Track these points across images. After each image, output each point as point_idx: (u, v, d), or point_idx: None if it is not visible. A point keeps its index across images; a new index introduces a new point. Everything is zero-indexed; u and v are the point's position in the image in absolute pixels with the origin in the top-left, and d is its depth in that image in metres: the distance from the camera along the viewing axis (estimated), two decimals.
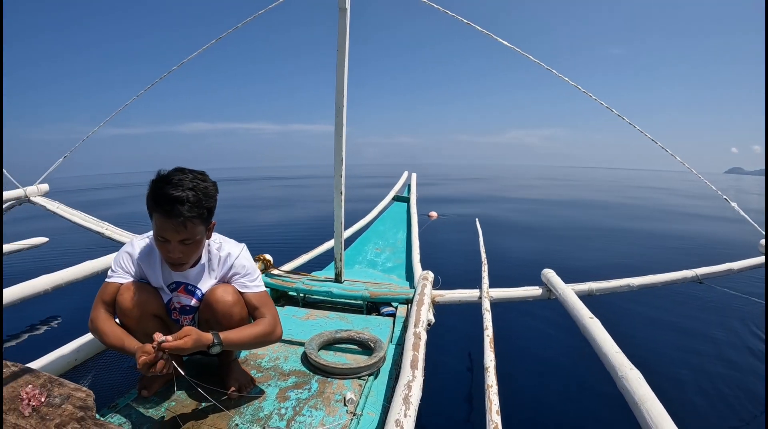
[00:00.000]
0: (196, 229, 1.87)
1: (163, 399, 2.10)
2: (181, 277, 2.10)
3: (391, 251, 4.96)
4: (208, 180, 1.91)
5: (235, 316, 2.04)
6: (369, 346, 2.56)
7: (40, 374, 1.91)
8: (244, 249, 2.20)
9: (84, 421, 1.62)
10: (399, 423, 1.65)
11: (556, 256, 7.79)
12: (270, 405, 2.06)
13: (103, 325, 1.92)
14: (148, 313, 2.01)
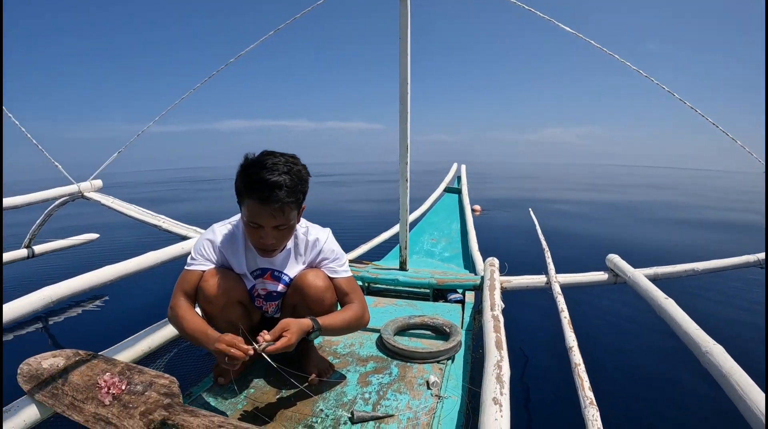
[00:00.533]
0: (291, 214, 1.79)
1: (241, 387, 2.02)
2: (267, 263, 2.02)
3: (447, 241, 4.91)
4: (300, 163, 1.82)
5: (327, 301, 1.96)
6: (443, 332, 2.50)
7: (117, 362, 1.86)
8: (330, 233, 2.12)
9: (171, 408, 1.55)
10: (497, 401, 1.58)
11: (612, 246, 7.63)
12: (352, 390, 1.99)
13: (184, 314, 1.84)
14: (233, 301, 1.94)
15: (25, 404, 1.68)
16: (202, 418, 1.45)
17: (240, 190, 1.76)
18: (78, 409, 1.61)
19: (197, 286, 1.91)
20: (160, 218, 4.18)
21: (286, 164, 1.74)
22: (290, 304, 2.04)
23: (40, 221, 4.81)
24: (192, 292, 1.91)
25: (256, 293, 2.07)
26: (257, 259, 2.01)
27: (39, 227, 4.88)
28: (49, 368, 1.82)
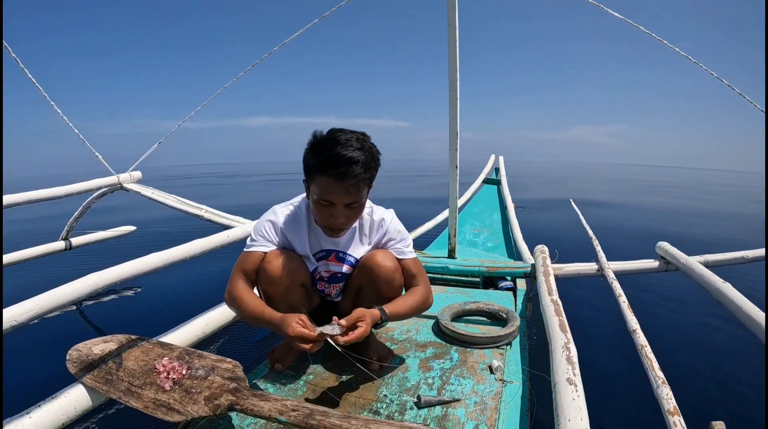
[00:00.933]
0: (363, 191, 1.75)
1: (298, 373, 1.98)
2: (331, 244, 1.97)
3: (489, 232, 4.89)
4: (370, 140, 1.76)
5: (396, 282, 1.91)
6: (500, 317, 2.45)
7: (173, 346, 1.82)
8: (394, 214, 2.06)
9: (239, 392, 1.49)
10: (571, 381, 1.56)
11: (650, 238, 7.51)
12: (415, 375, 1.93)
13: (243, 295, 1.79)
14: (296, 282, 1.89)
15: (75, 390, 1.63)
16: (274, 402, 1.39)
17: (311, 167, 1.70)
18: (136, 395, 1.56)
19: (258, 267, 1.86)
20: (201, 208, 4.18)
21: (358, 140, 1.69)
22: (355, 286, 1.99)
23: (78, 213, 4.81)
24: (252, 273, 1.86)
25: (319, 276, 2.02)
26: (321, 241, 1.96)
27: (76, 219, 4.88)
28: (100, 353, 1.79)
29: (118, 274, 2.31)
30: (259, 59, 4.09)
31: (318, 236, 1.94)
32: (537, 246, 3.40)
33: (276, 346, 2.09)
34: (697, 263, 2.99)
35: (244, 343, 2.37)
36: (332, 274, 2.02)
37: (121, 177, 4.47)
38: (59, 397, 1.57)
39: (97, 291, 2.20)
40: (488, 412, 1.66)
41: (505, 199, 5.84)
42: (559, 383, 1.57)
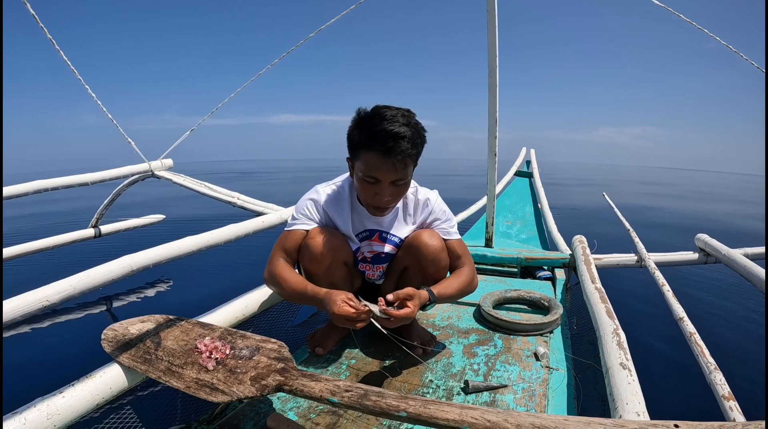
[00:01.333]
0: (409, 169, 1.70)
1: (340, 357, 1.95)
2: (375, 224, 1.94)
3: (522, 224, 4.86)
4: (415, 116, 1.71)
5: (442, 262, 1.87)
6: (542, 306, 2.42)
7: (214, 327, 1.79)
8: (438, 194, 2.03)
9: (288, 373, 1.44)
10: (625, 366, 1.54)
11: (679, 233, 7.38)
12: (460, 361, 1.90)
13: (284, 273, 1.77)
14: (339, 260, 1.85)
15: (111, 370, 1.60)
16: (325, 382, 1.34)
17: (357, 143, 1.66)
18: (177, 375, 1.52)
19: (300, 246, 1.83)
20: (233, 195, 4.18)
21: (404, 116, 1.64)
22: (400, 267, 1.95)
23: (108, 201, 4.83)
24: (294, 252, 1.84)
25: (361, 256, 1.99)
26: (364, 221, 1.92)
27: (106, 207, 4.90)
28: (137, 333, 1.76)
29: (153, 257, 2.29)
30: (285, 53, 4.10)
31: (361, 216, 1.91)
32: (575, 236, 3.36)
33: (316, 330, 2.07)
34: (739, 255, 2.95)
35: (283, 327, 2.35)
36: (375, 254, 1.98)
37: (153, 164, 4.48)
38: (94, 376, 1.54)
39: (132, 273, 2.18)
40: (537, 398, 1.63)
41: (538, 192, 5.80)
42: (613, 368, 1.55)
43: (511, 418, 1.06)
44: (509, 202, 5.77)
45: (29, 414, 1.33)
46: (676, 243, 3.60)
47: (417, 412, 1.12)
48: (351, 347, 2.02)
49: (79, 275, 1.93)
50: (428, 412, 1.11)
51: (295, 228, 1.85)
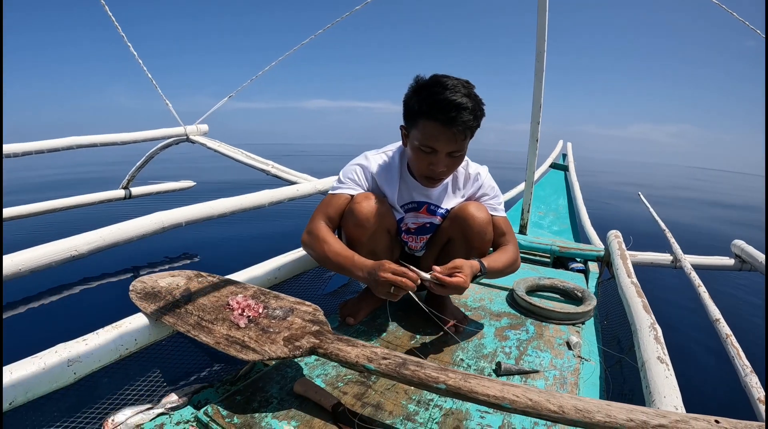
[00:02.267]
0: (466, 141, 1.66)
1: (371, 329, 1.93)
2: (423, 196, 1.90)
3: (555, 216, 4.83)
4: (474, 88, 1.64)
5: (487, 236, 1.84)
6: (575, 296, 2.38)
7: (248, 286, 1.78)
8: (488, 170, 1.99)
9: (322, 336, 1.42)
10: (662, 360, 1.52)
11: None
12: (491, 343, 1.87)
13: (326, 237, 1.75)
14: (383, 227, 1.82)
15: (137, 321, 1.60)
16: (362, 348, 1.32)
17: (416, 112, 1.62)
18: (206, 330, 1.51)
19: (343, 211, 1.81)
20: (268, 163, 4.17)
21: (465, 87, 1.59)
22: (443, 239, 1.93)
23: (140, 163, 4.87)
24: (336, 217, 1.82)
25: (405, 227, 1.97)
26: (413, 192, 1.89)
27: (138, 169, 4.94)
28: (166, 286, 1.75)
29: (185, 215, 2.29)
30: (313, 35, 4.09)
31: (410, 187, 1.88)
32: (611, 231, 3.32)
33: (348, 300, 2.06)
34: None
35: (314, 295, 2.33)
36: (421, 225, 1.96)
37: (188, 128, 4.52)
38: (120, 326, 1.54)
39: (163, 230, 2.17)
40: (568, 386, 1.61)
41: (573, 185, 5.76)
42: (650, 361, 1.53)
43: (553, 398, 1.04)
44: (543, 193, 5.72)
45: (49, 358, 1.33)
46: (709, 246, 3.53)
47: (457, 385, 1.10)
48: (382, 320, 2.01)
49: (109, 228, 1.93)
50: (468, 386, 1.09)
51: (340, 192, 1.83)
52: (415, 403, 1.42)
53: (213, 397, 1.51)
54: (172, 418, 1.39)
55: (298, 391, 1.43)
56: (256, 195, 2.69)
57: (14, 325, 2.86)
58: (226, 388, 1.55)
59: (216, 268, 2.12)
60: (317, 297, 2.32)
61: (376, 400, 1.42)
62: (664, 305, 3.64)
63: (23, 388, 1.27)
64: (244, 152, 4.42)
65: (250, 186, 4.20)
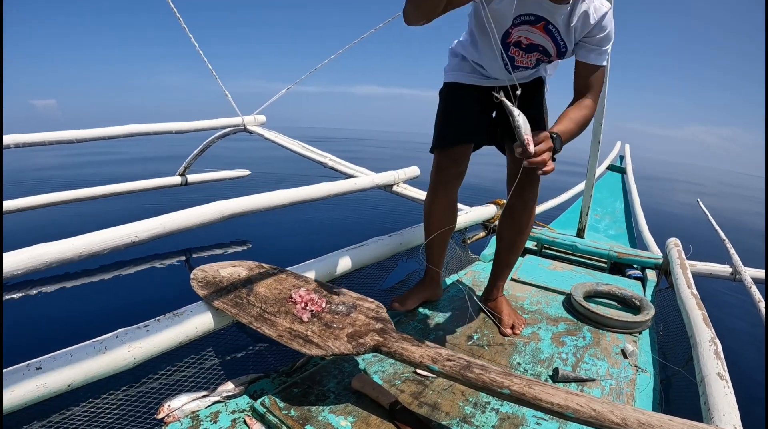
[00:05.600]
0: None
1: (426, 328, 1.96)
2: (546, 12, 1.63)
3: (611, 219, 4.74)
4: None
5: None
6: (632, 304, 2.34)
7: (309, 279, 1.80)
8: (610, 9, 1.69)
9: (386, 334, 1.44)
10: (722, 377, 1.50)
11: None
12: (548, 348, 1.88)
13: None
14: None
15: (198, 310, 1.62)
16: (426, 348, 1.33)
17: None
18: (269, 322, 1.53)
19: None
20: (325, 156, 4.17)
21: None
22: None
23: (198, 151, 4.94)
24: None
25: (516, 40, 1.72)
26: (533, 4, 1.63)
27: (195, 157, 5.01)
28: (228, 276, 1.79)
29: (245, 205, 2.31)
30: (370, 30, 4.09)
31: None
32: (670, 239, 3.25)
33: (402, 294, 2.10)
34: None
35: (371, 290, 2.37)
36: (533, 43, 1.73)
37: (246, 119, 4.57)
38: (181, 314, 1.58)
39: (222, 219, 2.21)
40: (624, 397, 1.60)
41: (630, 189, 5.65)
42: (709, 377, 1.51)
43: (616, 410, 1.05)
44: (600, 196, 5.57)
45: (110, 343, 1.38)
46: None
47: (521, 391, 1.11)
48: (438, 319, 2.03)
49: (170, 215, 1.95)
50: (533, 392, 1.10)
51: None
52: (472, 405, 1.44)
53: (269, 387, 1.55)
54: (227, 406, 1.44)
55: (355, 386, 1.46)
56: (314, 187, 2.71)
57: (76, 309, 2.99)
58: (282, 379, 1.58)
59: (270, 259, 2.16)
60: (374, 292, 2.35)
61: (433, 399, 1.45)
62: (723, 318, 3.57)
63: (83, 370, 1.32)
64: (301, 144, 4.45)
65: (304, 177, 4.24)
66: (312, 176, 3.93)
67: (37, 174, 8.64)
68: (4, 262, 1.34)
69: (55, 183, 6.53)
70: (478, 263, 2.87)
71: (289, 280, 1.78)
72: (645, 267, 3.11)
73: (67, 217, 4.85)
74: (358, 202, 6.08)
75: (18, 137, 3.27)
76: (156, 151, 13.06)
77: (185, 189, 5.19)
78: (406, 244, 2.42)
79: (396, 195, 3.41)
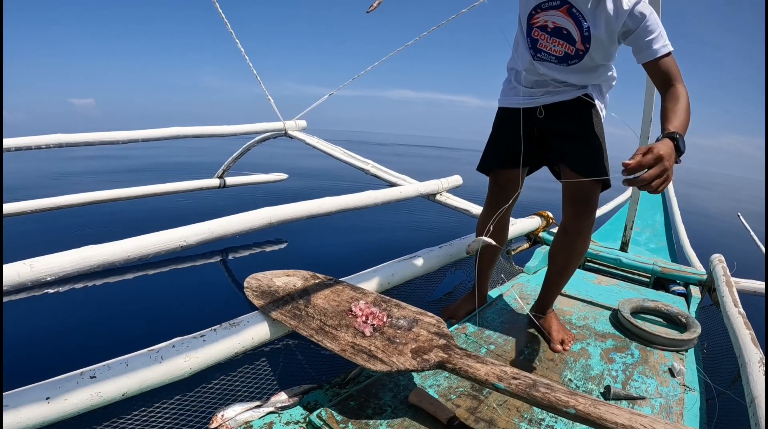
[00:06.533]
0: None
1: (479, 341, 1.99)
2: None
3: (651, 232, 4.70)
4: None
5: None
6: (678, 322, 2.35)
7: (366, 291, 1.79)
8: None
9: (450, 350, 1.44)
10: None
11: None
12: (598, 365, 1.91)
13: None
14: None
15: (255, 320, 1.64)
16: (491, 366, 1.35)
17: None
18: (330, 336, 1.55)
19: None
20: (367, 162, 4.18)
21: None
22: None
23: (237, 154, 5.02)
24: None
25: (542, 23, 1.74)
26: None
27: (235, 160, 5.09)
28: (283, 286, 1.80)
29: (292, 212, 2.32)
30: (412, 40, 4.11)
31: None
32: (714, 255, 3.23)
33: (450, 305, 2.16)
34: None
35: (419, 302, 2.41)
36: (559, 27, 1.72)
37: (287, 124, 4.62)
38: (238, 324, 1.59)
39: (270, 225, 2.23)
40: (674, 416, 1.62)
41: (670, 201, 5.58)
42: (759, 398, 1.50)
43: None
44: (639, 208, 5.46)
45: (166, 353, 1.42)
46: None
47: (586, 410, 1.15)
48: (488, 333, 2.07)
49: (218, 220, 1.97)
50: (598, 412, 1.14)
51: None
52: (527, 421, 1.47)
53: (322, 398, 1.56)
54: (281, 417, 1.46)
55: (413, 401, 1.47)
56: (361, 195, 2.71)
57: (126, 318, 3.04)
58: (335, 390, 1.60)
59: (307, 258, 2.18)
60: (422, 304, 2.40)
61: (488, 415, 1.47)
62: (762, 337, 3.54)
63: (138, 380, 1.36)
64: (342, 150, 4.47)
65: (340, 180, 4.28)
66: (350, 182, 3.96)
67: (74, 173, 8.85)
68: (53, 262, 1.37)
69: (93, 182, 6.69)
70: (523, 275, 2.89)
71: (346, 292, 1.79)
72: (688, 283, 3.10)
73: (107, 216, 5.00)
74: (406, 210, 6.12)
75: (62, 137, 3.37)
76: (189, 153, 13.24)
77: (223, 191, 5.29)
78: (455, 256, 2.44)
79: (439, 204, 3.45)
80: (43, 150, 3.34)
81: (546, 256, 2.97)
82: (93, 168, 10.17)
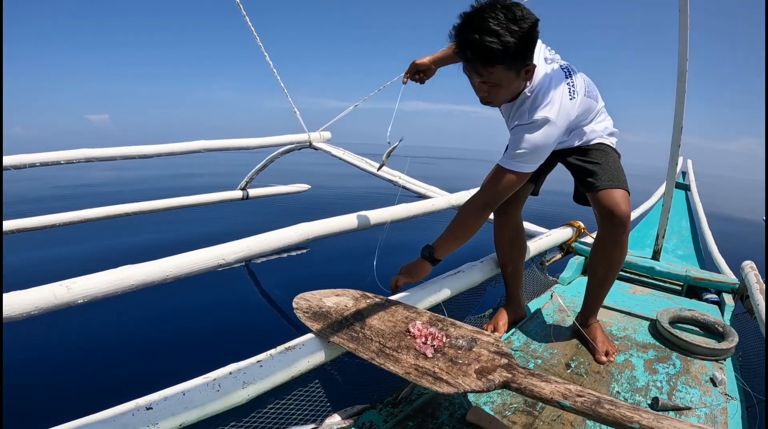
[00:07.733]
0: (495, 75, 1.62)
1: (526, 355, 2.07)
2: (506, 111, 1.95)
3: (678, 239, 4.72)
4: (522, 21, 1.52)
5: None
6: (715, 331, 2.38)
7: (420, 311, 1.77)
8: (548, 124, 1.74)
9: (513, 370, 1.42)
10: None
11: None
12: (642, 376, 1.96)
13: None
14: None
15: (310, 343, 1.62)
16: (555, 384, 1.34)
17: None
18: (392, 359, 1.52)
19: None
20: (395, 174, 4.19)
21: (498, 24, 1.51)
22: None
23: (260, 166, 5.11)
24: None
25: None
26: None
27: (258, 172, 5.19)
28: (335, 306, 1.77)
29: (328, 228, 2.29)
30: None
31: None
32: (745, 262, 3.25)
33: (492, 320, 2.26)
34: None
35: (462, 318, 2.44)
36: None
37: (312, 135, 4.70)
38: (293, 348, 1.56)
39: (307, 241, 2.23)
40: (719, 426, 1.67)
41: (695, 206, 5.58)
42: None
43: None
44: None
45: (224, 380, 1.40)
46: None
47: (650, 425, 1.19)
48: (533, 346, 2.13)
49: (255, 237, 2.00)
50: (661, 426, 1.18)
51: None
52: None
53: (377, 419, 1.59)
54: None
55: (471, 419, 1.51)
56: (394, 208, 2.73)
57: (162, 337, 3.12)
58: (388, 410, 1.63)
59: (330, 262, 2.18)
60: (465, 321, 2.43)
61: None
62: None
63: (195, 409, 1.33)
64: (368, 161, 4.48)
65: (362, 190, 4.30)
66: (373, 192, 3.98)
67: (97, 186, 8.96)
68: (90, 283, 1.40)
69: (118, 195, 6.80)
70: (558, 286, 2.94)
71: (400, 312, 1.76)
72: (720, 291, 3.12)
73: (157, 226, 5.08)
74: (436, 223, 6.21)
75: (87, 152, 3.48)
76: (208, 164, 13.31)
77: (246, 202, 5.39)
78: (497, 269, 2.46)
79: None
80: (71, 165, 3.46)
81: (580, 266, 3.02)
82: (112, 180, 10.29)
